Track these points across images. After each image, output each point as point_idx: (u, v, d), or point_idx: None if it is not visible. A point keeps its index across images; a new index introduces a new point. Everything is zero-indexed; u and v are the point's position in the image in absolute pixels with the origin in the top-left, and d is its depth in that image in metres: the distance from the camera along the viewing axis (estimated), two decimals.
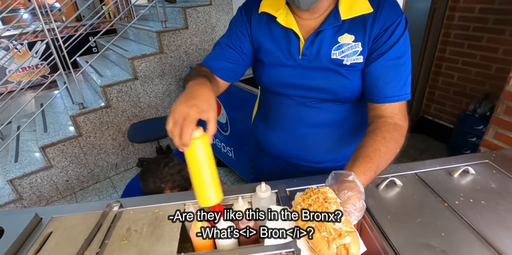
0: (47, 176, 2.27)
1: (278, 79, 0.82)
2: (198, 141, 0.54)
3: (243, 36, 0.82)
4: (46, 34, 2.06)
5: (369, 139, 0.68)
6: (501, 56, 2.09)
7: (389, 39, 0.70)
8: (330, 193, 0.54)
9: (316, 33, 0.73)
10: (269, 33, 0.79)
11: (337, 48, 0.73)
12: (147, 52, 2.47)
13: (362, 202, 0.55)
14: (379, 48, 0.71)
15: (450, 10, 2.27)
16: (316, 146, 0.89)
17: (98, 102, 2.43)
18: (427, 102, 2.70)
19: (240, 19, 0.82)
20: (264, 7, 0.78)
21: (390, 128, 0.70)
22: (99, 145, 2.47)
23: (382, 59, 0.71)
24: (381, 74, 0.72)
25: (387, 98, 0.73)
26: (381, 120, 0.72)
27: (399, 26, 0.70)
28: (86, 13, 4.92)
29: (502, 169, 0.81)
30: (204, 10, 2.62)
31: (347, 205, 0.54)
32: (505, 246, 0.59)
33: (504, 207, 0.68)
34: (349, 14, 0.70)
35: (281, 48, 0.78)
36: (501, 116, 1.45)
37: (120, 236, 0.69)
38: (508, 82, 1.39)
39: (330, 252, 0.46)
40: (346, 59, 0.73)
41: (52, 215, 0.77)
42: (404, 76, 0.73)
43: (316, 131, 0.87)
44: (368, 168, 0.62)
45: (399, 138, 0.69)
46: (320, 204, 0.51)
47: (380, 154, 0.65)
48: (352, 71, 0.75)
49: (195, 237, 0.66)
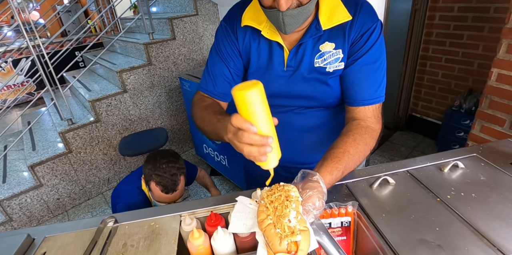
0: (37, 195, 2.21)
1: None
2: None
3: (233, 53, 0.82)
4: (31, 51, 2.04)
5: (340, 141, 0.71)
6: (481, 52, 2.16)
7: (364, 45, 0.72)
8: (293, 192, 0.56)
9: (299, 45, 0.75)
10: (254, 46, 0.80)
11: (319, 56, 0.75)
12: (135, 65, 2.47)
13: (322, 201, 0.57)
14: (354, 53, 0.73)
15: (430, 10, 2.35)
16: (304, 148, 0.91)
17: (87, 117, 2.40)
18: (415, 101, 2.76)
19: (226, 35, 0.82)
20: (247, 21, 0.77)
21: (362, 130, 0.73)
22: (90, 160, 2.43)
23: (357, 64, 0.73)
24: (356, 78, 0.75)
25: (360, 101, 0.75)
26: (354, 122, 0.75)
27: (374, 31, 0.71)
28: (72, 28, 4.89)
29: (490, 161, 0.83)
30: (191, 20, 2.64)
31: (306, 204, 0.56)
32: (498, 236, 0.60)
33: (493, 198, 0.70)
34: (329, 24, 0.72)
35: (266, 60, 0.79)
36: (485, 110, 1.50)
37: (116, 252, 0.67)
38: (489, 77, 1.44)
39: (281, 247, 0.49)
40: (328, 66, 0.75)
41: (45, 235, 0.75)
42: (378, 80, 0.75)
43: (304, 135, 0.89)
44: (335, 168, 0.65)
45: (369, 140, 0.72)
46: (281, 201, 0.54)
47: (349, 155, 0.67)
48: (334, 78, 0.77)
49: (193, 248, 0.66)
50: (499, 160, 0.83)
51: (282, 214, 0.52)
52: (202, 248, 0.66)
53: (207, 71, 0.86)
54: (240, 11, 0.80)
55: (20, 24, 1.91)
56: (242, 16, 0.79)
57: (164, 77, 2.65)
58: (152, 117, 2.72)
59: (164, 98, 2.72)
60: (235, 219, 0.62)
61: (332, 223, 0.72)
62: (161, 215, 0.77)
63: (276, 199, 0.54)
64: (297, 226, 0.51)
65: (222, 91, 0.84)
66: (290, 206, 0.53)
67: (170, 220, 0.75)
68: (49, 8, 4.19)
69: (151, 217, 0.77)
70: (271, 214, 0.53)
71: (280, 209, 0.53)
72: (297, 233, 0.50)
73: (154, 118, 2.74)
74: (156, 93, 2.66)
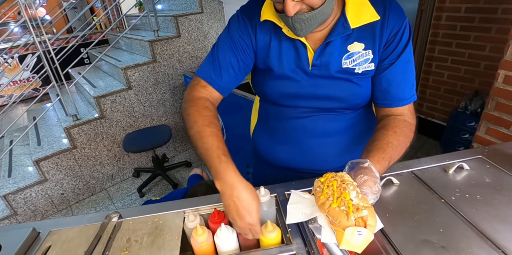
0: (41, 190, 2.23)
1: (284, 91, 0.79)
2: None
3: (246, 46, 0.77)
4: (37, 47, 2.06)
5: (380, 134, 0.70)
6: (488, 53, 2.14)
7: (399, 45, 0.70)
8: (347, 177, 0.57)
9: (325, 43, 0.72)
10: (275, 43, 0.75)
11: (348, 57, 0.72)
12: (140, 62, 2.47)
13: (377, 185, 0.57)
14: (390, 54, 0.72)
15: (437, 11, 2.33)
16: (324, 155, 0.87)
17: (92, 114, 2.41)
18: (420, 101, 2.74)
19: (243, 26, 0.76)
20: (267, 15, 0.72)
21: (401, 123, 0.72)
22: (94, 156, 2.45)
23: (395, 65, 0.72)
24: (394, 80, 0.73)
25: (400, 101, 0.75)
26: (391, 118, 0.75)
27: (405, 30, 0.70)
28: (77, 25, 4.91)
29: (495, 163, 0.83)
30: (196, 18, 2.64)
31: (363, 187, 0.56)
32: (503, 239, 0.59)
33: (499, 200, 0.69)
34: (357, 23, 0.69)
35: (288, 59, 0.75)
36: (491, 112, 1.48)
37: (120, 247, 0.68)
38: (496, 79, 1.43)
39: (349, 223, 0.49)
40: (357, 67, 0.73)
41: (50, 229, 0.76)
42: (412, 79, 0.75)
43: (325, 140, 0.85)
44: (382, 158, 0.64)
45: (409, 133, 0.72)
46: (338, 185, 0.54)
47: (393, 146, 0.67)
48: (364, 78, 0.75)
49: (196, 244, 0.66)
50: (504, 162, 0.83)
51: (343, 194, 0.52)
52: (205, 245, 0.67)
53: (211, 58, 0.78)
54: (259, 3, 0.75)
55: (26, 20, 1.92)
56: (261, 9, 0.74)
57: (168, 75, 2.66)
58: (156, 115, 2.73)
59: (168, 95, 2.73)
60: (292, 210, 0.61)
61: None
62: (164, 211, 0.78)
63: (332, 183, 0.55)
64: (360, 203, 0.51)
65: (224, 84, 0.78)
66: (348, 188, 0.54)
67: (174, 217, 0.75)
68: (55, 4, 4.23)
69: (155, 213, 0.77)
70: (331, 196, 0.54)
71: (339, 191, 0.53)
72: (363, 209, 0.50)
73: (158, 116, 2.75)
74: (160, 91, 2.67)
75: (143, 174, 2.72)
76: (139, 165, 2.76)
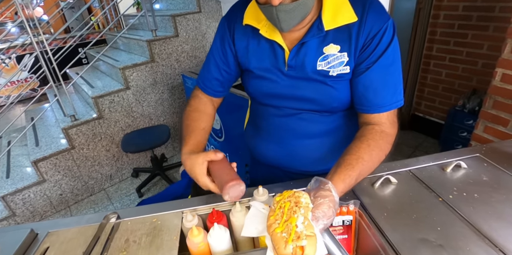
0: (40, 190, 2.23)
1: (264, 91, 0.81)
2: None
3: (230, 51, 0.81)
4: (34, 47, 2.05)
5: (354, 146, 0.68)
6: (486, 52, 2.14)
7: (377, 48, 0.68)
8: (303, 198, 0.56)
9: (300, 44, 0.71)
10: (254, 45, 0.77)
11: (323, 59, 0.71)
12: (138, 62, 2.47)
13: (332, 210, 0.56)
14: (367, 58, 0.69)
15: (435, 9, 2.33)
16: (308, 156, 0.87)
17: (90, 114, 2.41)
18: (418, 100, 2.75)
19: (223, 32, 0.82)
20: (248, 19, 0.76)
21: (377, 135, 0.70)
22: (92, 156, 2.44)
23: (371, 70, 0.69)
24: (371, 85, 0.70)
25: (377, 108, 0.72)
26: (368, 127, 0.72)
27: (386, 33, 0.67)
28: (75, 25, 4.90)
29: (493, 161, 0.83)
30: (194, 17, 2.63)
31: (316, 211, 0.55)
32: (500, 237, 0.60)
33: (496, 198, 0.70)
34: (333, 24, 0.68)
35: (266, 60, 0.77)
36: (489, 111, 1.49)
37: (119, 248, 0.68)
38: (494, 77, 1.43)
39: (286, 251, 0.49)
40: (332, 70, 0.71)
41: (48, 230, 0.75)
42: (393, 84, 0.71)
43: (307, 142, 0.85)
44: (348, 175, 0.62)
45: (384, 146, 0.70)
46: (290, 207, 0.54)
47: (363, 162, 0.65)
48: (339, 81, 0.73)
49: (193, 245, 0.66)
50: (502, 160, 0.83)
51: (290, 219, 0.52)
52: (202, 245, 0.67)
53: (205, 64, 0.88)
54: (241, 8, 0.78)
55: (24, 20, 1.91)
56: (244, 14, 0.77)
57: (166, 75, 2.65)
58: (154, 114, 2.72)
59: (166, 95, 2.73)
60: (248, 223, 0.63)
61: (334, 221, 0.72)
62: (163, 211, 0.77)
63: (285, 204, 0.55)
64: (303, 231, 0.51)
65: (212, 87, 0.88)
66: (298, 212, 0.53)
67: (172, 217, 0.75)
68: (52, 4, 4.20)
69: (153, 213, 0.77)
70: (279, 219, 0.53)
71: (288, 214, 0.53)
72: (303, 238, 0.50)
73: (157, 116, 2.74)
74: (158, 91, 2.66)
75: (142, 174, 2.72)
76: (137, 165, 2.75)
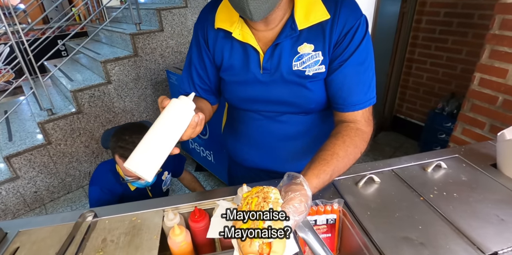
0: (13, 187, 2.12)
1: (240, 96, 0.79)
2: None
3: (207, 58, 0.78)
4: (10, 37, 1.94)
5: (329, 143, 0.67)
6: (465, 57, 2.22)
7: (349, 45, 0.67)
8: (272, 193, 0.53)
9: (274, 45, 0.69)
10: (228, 49, 0.75)
11: (298, 59, 0.69)
12: (121, 55, 2.39)
13: (304, 204, 0.53)
14: (340, 55, 0.68)
15: (418, 14, 2.39)
16: (288, 157, 0.87)
17: (68, 108, 2.31)
18: (399, 102, 2.82)
19: (197, 39, 0.78)
20: (219, 23, 0.73)
21: (352, 132, 0.69)
22: (70, 152, 2.35)
23: (344, 67, 0.68)
24: (344, 83, 0.70)
25: (351, 106, 0.71)
26: (344, 124, 0.72)
27: (358, 29, 0.66)
28: (54, 15, 4.68)
29: (471, 162, 0.86)
30: (180, 12, 2.58)
31: (287, 206, 0.52)
32: (478, 235, 0.61)
33: (474, 198, 0.72)
34: (306, 23, 0.67)
35: (240, 64, 0.74)
36: (467, 114, 1.54)
37: (95, 248, 0.65)
38: (472, 82, 1.48)
39: (252, 249, 0.47)
40: (308, 69, 0.70)
41: (19, 229, 0.71)
42: (367, 82, 0.71)
43: (287, 144, 0.85)
44: (322, 171, 0.61)
45: (359, 143, 0.68)
46: (257, 203, 0.51)
47: (338, 157, 0.64)
48: (315, 82, 0.72)
49: (174, 245, 0.64)
50: (479, 161, 0.86)
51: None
52: (184, 244, 0.65)
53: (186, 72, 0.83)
54: (212, 12, 0.74)
55: None
56: (215, 17, 0.74)
57: (150, 70, 2.59)
58: (137, 110, 2.65)
59: (150, 91, 2.66)
60: (214, 224, 0.60)
61: (318, 220, 0.72)
62: (143, 210, 0.75)
63: (252, 200, 0.52)
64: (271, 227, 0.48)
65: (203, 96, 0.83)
66: (266, 207, 0.50)
67: (153, 215, 0.73)
68: None
69: (133, 211, 0.75)
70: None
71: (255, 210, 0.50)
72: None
73: (139, 111, 2.67)
74: (141, 86, 2.59)
75: None
76: None
